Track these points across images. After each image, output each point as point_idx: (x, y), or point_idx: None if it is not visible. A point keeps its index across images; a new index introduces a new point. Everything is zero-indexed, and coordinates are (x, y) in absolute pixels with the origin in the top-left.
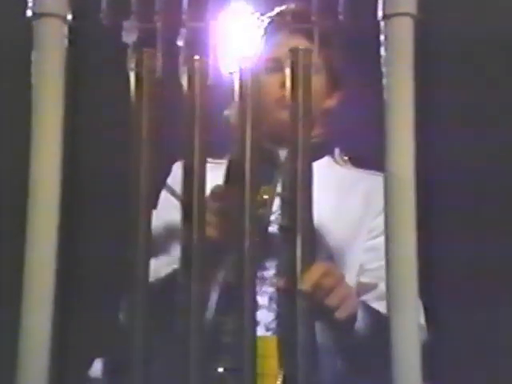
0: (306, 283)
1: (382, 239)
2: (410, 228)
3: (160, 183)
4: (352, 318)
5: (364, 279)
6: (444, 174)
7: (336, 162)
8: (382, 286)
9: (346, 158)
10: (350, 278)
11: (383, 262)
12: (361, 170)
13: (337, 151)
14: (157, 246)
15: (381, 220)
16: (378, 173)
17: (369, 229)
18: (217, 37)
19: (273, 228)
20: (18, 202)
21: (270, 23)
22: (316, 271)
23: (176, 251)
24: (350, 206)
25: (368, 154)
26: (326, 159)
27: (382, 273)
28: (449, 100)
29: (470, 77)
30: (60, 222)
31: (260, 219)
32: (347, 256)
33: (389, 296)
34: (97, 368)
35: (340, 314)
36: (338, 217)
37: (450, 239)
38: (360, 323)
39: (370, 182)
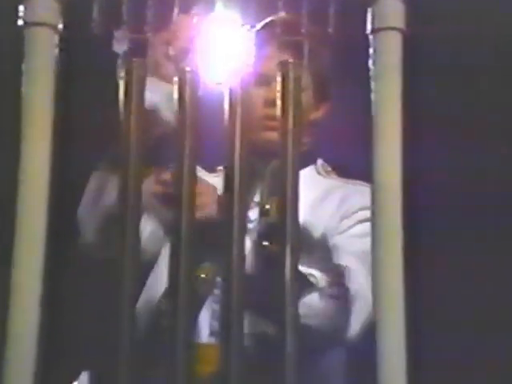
0: None
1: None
2: (396, 237)
3: None
4: None
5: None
6: (431, 184)
7: (318, 172)
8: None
9: (328, 168)
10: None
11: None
12: (340, 180)
13: (319, 161)
14: None
15: (348, 220)
16: (357, 181)
17: (337, 228)
18: (206, 48)
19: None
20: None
21: (256, 36)
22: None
23: None
24: (324, 210)
25: (352, 164)
26: (309, 169)
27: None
28: (436, 112)
29: (457, 90)
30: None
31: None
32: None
33: (374, 302)
34: (83, 381)
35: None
36: (313, 221)
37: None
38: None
39: (346, 190)
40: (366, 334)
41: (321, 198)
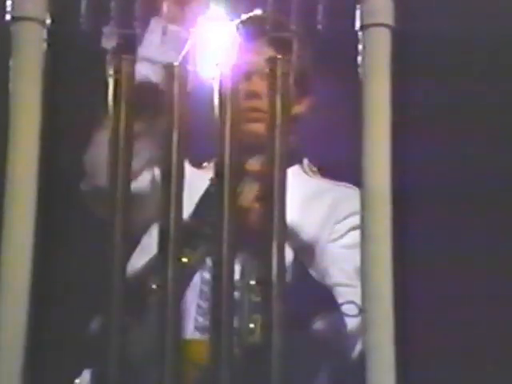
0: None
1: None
2: (385, 240)
3: None
4: None
5: None
6: (420, 185)
7: (305, 171)
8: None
9: (314, 168)
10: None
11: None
12: (328, 181)
13: (305, 161)
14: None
15: (340, 227)
16: (345, 184)
17: (329, 234)
18: (196, 43)
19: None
20: None
21: (242, 30)
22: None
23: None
24: (315, 213)
25: (337, 164)
26: (295, 168)
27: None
28: (425, 110)
29: (447, 86)
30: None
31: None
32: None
33: (364, 308)
34: (85, 378)
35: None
36: (301, 223)
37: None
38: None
39: (336, 193)
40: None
41: (310, 199)
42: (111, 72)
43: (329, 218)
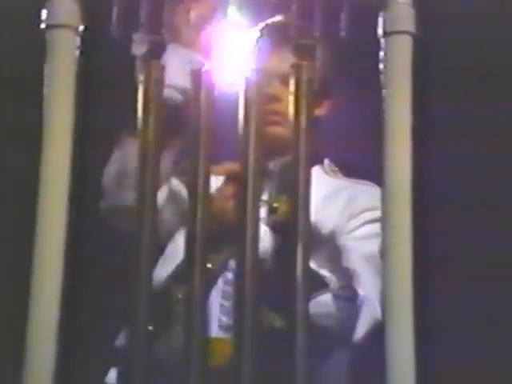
0: None
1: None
2: (406, 238)
3: None
4: None
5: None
6: (440, 185)
7: (325, 172)
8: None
9: (335, 168)
10: None
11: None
12: (348, 180)
13: (326, 161)
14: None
15: (355, 221)
16: (364, 181)
17: (344, 227)
18: (221, 49)
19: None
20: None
21: (259, 37)
22: None
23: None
24: (332, 210)
25: (359, 164)
26: (316, 169)
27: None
28: (446, 115)
29: (467, 92)
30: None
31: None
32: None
33: (384, 304)
34: (112, 376)
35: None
36: (321, 220)
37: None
38: None
39: (353, 190)
40: (371, 336)
41: (329, 198)
42: (141, 77)
43: (344, 214)
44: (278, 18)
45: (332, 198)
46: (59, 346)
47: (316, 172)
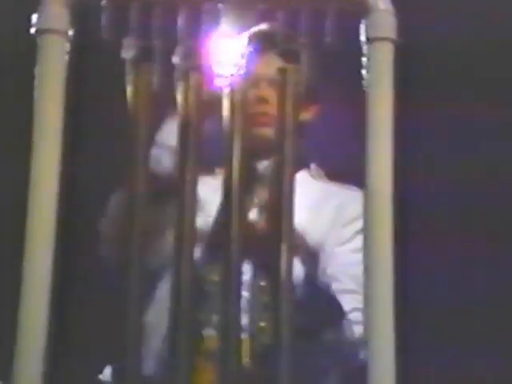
0: None
1: (345, 247)
2: (387, 241)
3: None
4: None
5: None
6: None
7: (312, 176)
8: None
9: (321, 172)
10: None
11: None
12: (335, 184)
13: (313, 165)
14: None
15: (347, 230)
16: (352, 187)
17: (336, 237)
18: (209, 54)
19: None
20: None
21: (249, 42)
22: None
23: None
24: (322, 217)
25: (343, 168)
26: (302, 173)
27: (342, 277)
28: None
29: (447, 97)
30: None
31: None
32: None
33: (365, 307)
34: (107, 373)
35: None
36: (309, 226)
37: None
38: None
39: (343, 196)
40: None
41: (318, 203)
42: (130, 80)
43: (336, 222)
44: (265, 25)
45: (321, 204)
46: (48, 345)
47: (302, 176)
